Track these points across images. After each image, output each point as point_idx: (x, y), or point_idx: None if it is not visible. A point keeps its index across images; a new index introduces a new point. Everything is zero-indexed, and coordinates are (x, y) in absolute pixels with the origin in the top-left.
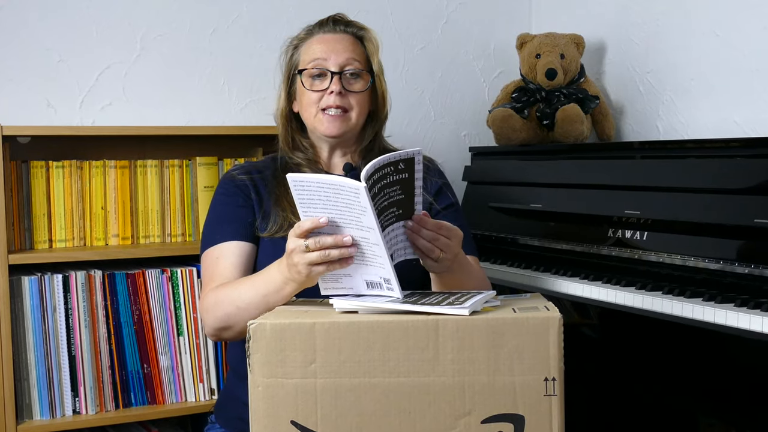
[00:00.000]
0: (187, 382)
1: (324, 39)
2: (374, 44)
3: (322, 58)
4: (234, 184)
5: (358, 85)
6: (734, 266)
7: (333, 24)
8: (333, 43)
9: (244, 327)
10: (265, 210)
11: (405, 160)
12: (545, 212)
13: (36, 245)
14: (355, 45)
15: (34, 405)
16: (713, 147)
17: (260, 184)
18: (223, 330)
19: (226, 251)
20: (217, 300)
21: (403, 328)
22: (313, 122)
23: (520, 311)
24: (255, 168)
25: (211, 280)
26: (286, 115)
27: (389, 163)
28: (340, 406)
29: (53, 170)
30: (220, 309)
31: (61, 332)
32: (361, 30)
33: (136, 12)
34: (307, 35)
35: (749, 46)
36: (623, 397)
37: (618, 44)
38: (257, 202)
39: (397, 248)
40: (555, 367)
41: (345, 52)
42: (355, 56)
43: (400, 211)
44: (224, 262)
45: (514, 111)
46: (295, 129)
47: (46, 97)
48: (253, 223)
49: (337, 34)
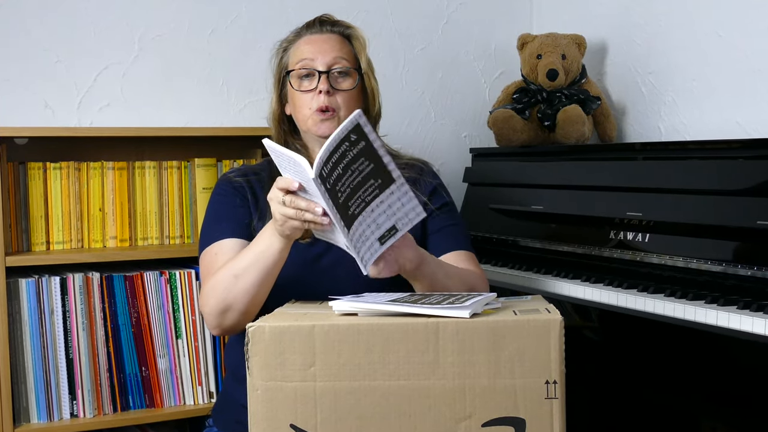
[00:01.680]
0: (185, 385)
1: (311, 40)
2: (361, 42)
3: (310, 58)
4: (231, 185)
5: (347, 83)
6: (737, 268)
7: (320, 25)
8: (320, 44)
9: (244, 305)
10: (261, 211)
11: (352, 129)
12: (546, 214)
13: (33, 247)
14: (343, 44)
15: (32, 408)
16: (715, 148)
17: (257, 186)
18: (224, 313)
19: (226, 248)
20: (215, 281)
21: (403, 330)
22: (305, 123)
23: (521, 313)
24: (251, 170)
25: (209, 275)
26: (278, 117)
27: (340, 141)
28: (340, 409)
29: (51, 172)
30: (219, 286)
31: (59, 335)
32: (347, 29)
33: (135, 12)
34: (296, 37)
35: (752, 46)
36: (625, 400)
37: (620, 45)
38: (254, 203)
39: (398, 217)
40: (556, 370)
41: (332, 51)
42: (343, 55)
43: (378, 181)
44: (223, 257)
45: (515, 112)
46: (288, 131)
47: (44, 98)
48: (250, 224)
49: (324, 34)
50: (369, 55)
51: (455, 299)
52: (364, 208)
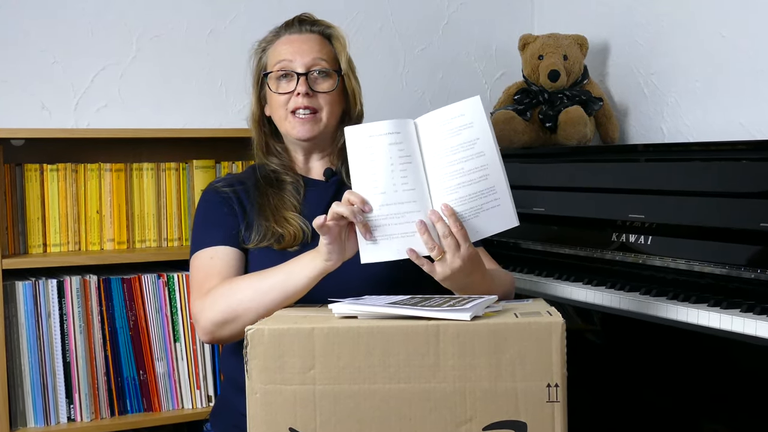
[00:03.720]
0: (183, 389)
1: (290, 40)
2: (342, 42)
3: (288, 59)
4: (218, 195)
5: (326, 84)
6: (740, 271)
7: (299, 24)
8: (299, 44)
9: (251, 320)
10: (249, 221)
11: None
12: (548, 216)
13: (30, 250)
14: (322, 45)
15: (28, 412)
16: (719, 150)
17: (243, 195)
18: (226, 324)
19: (221, 252)
20: (222, 291)
21: (404, 333)
22: (284, 125)
23: (522, 316)
24: (237, 180)
25: (206, 280)
26: (258, 119)
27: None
28: (340, 412)
29: (48, 173)
30: (225, 300)
31: (56, 338)
32: (328, 28)
33: (132, 13)
34: (274, 37)
35: (755, 46)
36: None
37: (622, 45)
38: (241, 213)
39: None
40: (558, 373)
41: (311, 52)
42: (322, 56)
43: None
44: (219, 262)
45: (516, 113)
46: (269, 134)
47: (41, 99)
48: (238, 233)
49: (303, 34)
50: (350, 55)
51: (456, 302)
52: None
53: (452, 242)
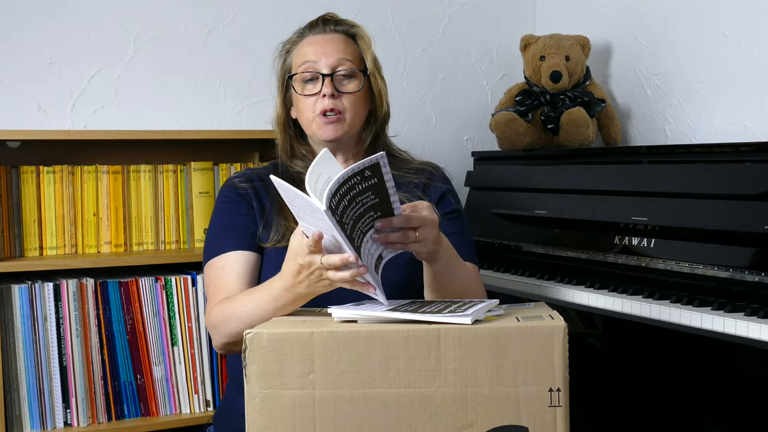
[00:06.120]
0: (181, 394)
1: (314, 41)
2: (366, 41)
3: (313, 60)
4: (236, 192)
5: (352, 85)
6: (744, 274)
7: (323, 24)
8: (323, 45)
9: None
10: (267, 219)
11: (370, 167)
12: (550, 219)
13: (26, 253)
14: (347, 44)
15: (24, 417)
16: (722, 151)
17: (262, 192)
18: (233, 345)
19: (231, 261)
20: (224, 316)
21: (404, 337)
22: (310, 127)
23: (523, 320)
24: (257, 175)
25: (216, 293)
26: (283, 122)
27: (354, 174)
28: (339, 417)
29: (44, 175)
30: (228, 326)
31: (52, 342)
32: (352, 27)
33: (129, 13)
34: (299, 38)
35: (759, 47)
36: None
37: (625, 46)
38: (259, 211)
39: (384, 247)
40: (560, 378)
41: (336, 52)
42: (347, 56)
43: (378, 213)
44: (229, 273)
45: (517, 114)
46: (294, 137)
47: (37, 101)
48: (255, 232)
49: (327, 34)
50: (375, 54)
51: (456, 306)
52: (362, 238)
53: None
